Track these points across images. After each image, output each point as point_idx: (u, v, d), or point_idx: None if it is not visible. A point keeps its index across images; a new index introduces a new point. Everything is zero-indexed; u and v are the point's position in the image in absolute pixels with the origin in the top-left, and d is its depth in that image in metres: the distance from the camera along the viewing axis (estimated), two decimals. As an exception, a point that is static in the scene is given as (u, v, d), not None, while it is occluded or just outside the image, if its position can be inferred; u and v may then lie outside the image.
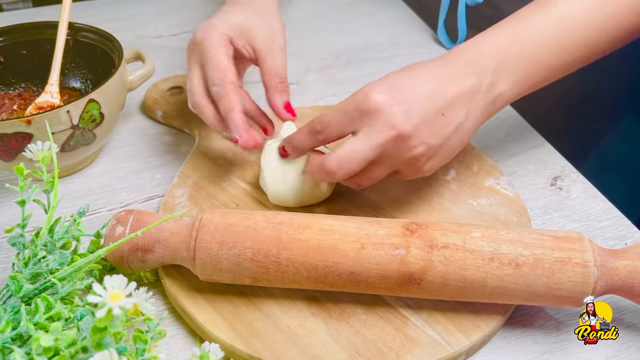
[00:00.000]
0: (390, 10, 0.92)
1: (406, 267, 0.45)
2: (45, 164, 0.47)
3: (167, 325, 0.49)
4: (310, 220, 0.47)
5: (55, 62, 0.63)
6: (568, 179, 0.62)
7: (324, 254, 0.45)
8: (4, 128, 0.55)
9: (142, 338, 0.41)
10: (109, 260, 0.49)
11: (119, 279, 0.34)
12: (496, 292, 0.45)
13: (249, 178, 0.60)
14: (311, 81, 0.77)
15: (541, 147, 0.66)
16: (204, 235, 0.46)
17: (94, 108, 0.58)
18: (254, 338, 0.46)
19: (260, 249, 0.46)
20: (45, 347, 0.37)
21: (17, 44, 0.67)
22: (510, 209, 0.56)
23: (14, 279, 0.43)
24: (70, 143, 0.59)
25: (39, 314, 0.40)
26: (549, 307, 0.49)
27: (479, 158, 0.62)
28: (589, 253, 0.44)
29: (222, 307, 0.48)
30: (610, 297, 0.48)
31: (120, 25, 0.87)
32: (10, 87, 0.68)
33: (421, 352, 0.45)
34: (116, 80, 0.60)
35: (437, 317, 0.47)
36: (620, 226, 0.57)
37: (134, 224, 0.48)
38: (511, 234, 0.46)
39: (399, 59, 0.80)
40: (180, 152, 0.66)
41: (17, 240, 0.46)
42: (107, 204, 0.60)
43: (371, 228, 0.46)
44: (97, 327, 0.35)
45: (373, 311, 0.48)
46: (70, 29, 0.66)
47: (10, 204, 0.60)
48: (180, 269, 0.50)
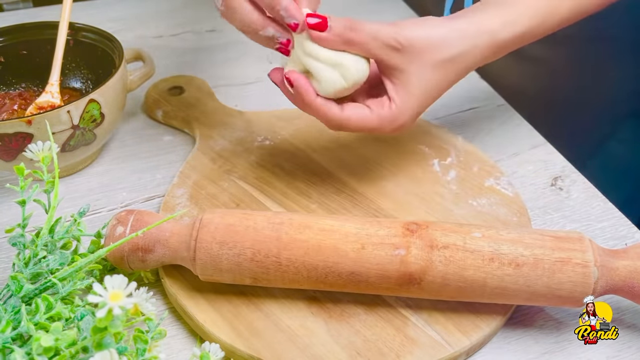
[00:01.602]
0: (390, 10, 0.92)
1: (406, 267, 0.45)
2: (45, 164, 0.47)
3: (168, 325, 0.49)
4: (311, 221, 0.47)
5: (56, 62, 0.63)
6: (568, 179, 0.62)
7: (324, 254, 0.45)
8: (5, 128, 0.55)
9: (143, 338, 0.41)
10: (109, 260, 0.49)
11: (120, 279, 0.34)
12: (496, 292, 0.45)
13: (250, 178, 0.60)
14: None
15: (541, 147, 0.66)
16: (204, 235, 0.46)
17: (95, 108, 0.58)
18: (254, 338, 0.46)
19: (260, 249, 0.46)
20: (45, 347, 0.37)
21: (18, 44, 0.67)
22: (511, 209, 0.56)
23: (15, 279, 0.43)
24: (70, 143, 0.59)
25: (39, 314, 0.40)
26: (549, 308, 0.49)
27: (479, 158, 0.62)
28: (589, 253, 0.44)
29: (222, 307, 0.48)
30: (610, 298, 0.48)
31: (120, 25, 0.87)
32: (10, 87, 0.68)
33: (421, 352, 0.45)
34: (116, 80, 0.60)
35: (437, 317, 0.47)
36: (620, 226, 0.57)
37: (135, 224, 0.48)
38: (511, 234, 0.46)
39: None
40: (181, 152, 0.66)
41: (17, 240, 0.46)
42: (107, 204, 0.60)
43: (371, 228, 0.46)
44: (98, 327, 0.35)
45: (373, 311, 0.48)
46: (71, 29, 0.66)
47: (11, 204, 0.60)
48: (181, 269, 0.50)
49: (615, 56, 0.78)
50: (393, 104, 0.51)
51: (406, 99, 0.51)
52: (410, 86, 0.50)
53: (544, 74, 0.80)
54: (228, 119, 0.67)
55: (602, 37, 0.76)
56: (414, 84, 0.50)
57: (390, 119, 0.51)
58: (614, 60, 0.78)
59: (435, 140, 0.64)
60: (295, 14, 0.48)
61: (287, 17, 0.48)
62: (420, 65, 0.50)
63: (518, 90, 0.77)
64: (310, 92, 0.50)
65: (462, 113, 0.71)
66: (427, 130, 0.65)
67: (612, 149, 0.81)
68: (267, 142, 0.64)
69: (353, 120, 0.51)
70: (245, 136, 0.65)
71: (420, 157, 0.62)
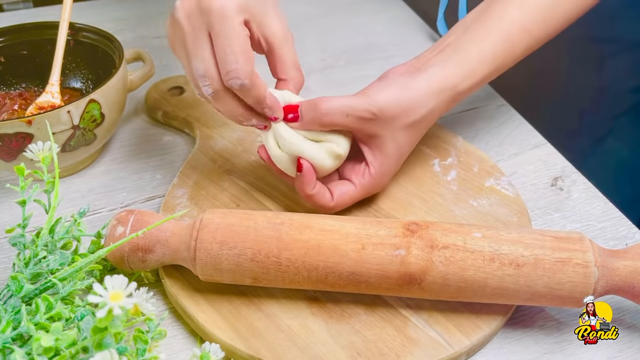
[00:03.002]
0: (390, 10, 0.92)
1: (407, 267, 0.45)
2: (45, 164, 0.47)
3: (168, 326, 0.49)
4: (311, 221, 0.47)
5: (56, 62, 0.63)
6: (569, 179, 0.62)
7: (324, 255, 0.45)
8: (5, 128, 0.55)
9: (143, 338, 0.41)
10: (109, 261, 0.49)
11: (120, 279, 0.34)
12: (497, 292, 0.45)
13: (250, 178, 0.60)
14: (311, 82, 0.77)
15: (542, 147, 0.66)
16: (205, 235, 0.46)
17: (95, 108, 0.58)
18: (254, 338, 0.46)
19: (260, 249, 0.46)
20: (45, 347, 0.37)
21: (18, 44, 0.67)
22: (511, 210, 0.56)
23: (15, 279, 0.43)
24: (70, 143, 0.59)
25: (39, 314, 0.40)
26: (549, 308, 0.49)
27: (480, 158, 0.62)
28: (589, 253, 0.44)
29: (222, 307, 0.48)
30: (611, 298, 0.48)
31: (120, 26, 0.87)
32: (11, 87, 0.68)
33: (421, 352, 0.45)
34: (117, 80, 0.60)
35: (437, 318, 0.47)
36: (621, 226, 0.57)
37: (135, 224, 0.48)
38: (512, 234, 0.46)
39: (399, 59, 0.80)
40: (181, 152, 0.66)
41: (17, 241, 0.46)
42: (107, 204, 0.60)
43: (372, 228, 0.46)
44: (98, 327, 0.35)
45: (373, 311, 0.48)
46: (71, 29, 0.66)
47: (11, 204, 0.60)
48: (181, 269, 0.50)
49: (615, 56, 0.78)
50: (372, 167, 0.54)
51: (383, 161, 0.54)
52: (386, 148, 0.53)
53: (544, 74, 0.80)
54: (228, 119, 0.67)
55: (602, 37, 0.76)
56: (389, 146, 0.53)
57: (372, 184, 0.54)
58: (614, 60, 0.78)
59: (435, 140, 0.64)
60: (278, 111, 0.51)
61: (271, 113, 0.51)
62: (393, 129, 0.53)
63: (518, 90, 0.77)
64: (313, 182, 0.52)
65: (462, 113, 0.71)
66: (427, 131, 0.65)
67: (613, 150, 0.81)
68: (268, 142, 0.64)
69: (341, 203, 0.54)
70: (245, 136, 0.65)
71: (421, 157, 0.62)
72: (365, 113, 0.51)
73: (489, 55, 0.54)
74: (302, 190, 0.52)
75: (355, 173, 0.55)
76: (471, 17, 0.57)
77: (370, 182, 0.54)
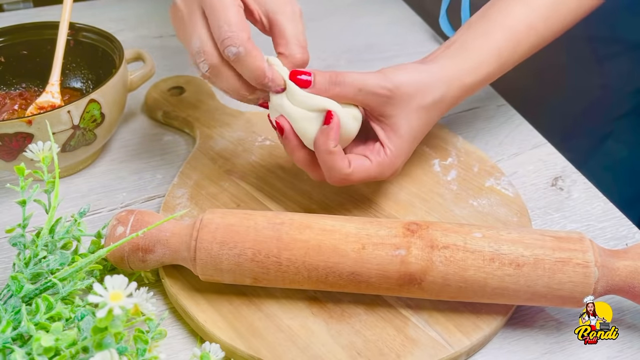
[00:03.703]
0: (391, 10, 0.92)
1: (407, 267, 0.45)
2: (46, 164, 0.47)
3: (168, 326, 0.49)
4: (311, 221, 0.47)
5: (56, 62, 0.63)
6: (569, 179, 0.62)
7: (324, 254, 0.45)
8: (5, 128, 0.55)
9: (143, 338, 0.41)
10: (109, 261, 0.49)
11: (120, 279, 0.34)
12: (497, 292, 0.45)
13: (250, 178, 0.60)
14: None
15: (542, 147, 0.66)
16: (205, 235, 0.46)
17: (95, 108, 0.58)
18: (254, 338, 0.46)
19: (261, 249, 0.46)
20: (46, 347, 0.37)
21: (18, 44, 0.67)
22: (511, 210, 0.56)
23: (15, 279, 0.43)
24: (71, 143, 0.59)
25: (39, 314, 0.40)
26: (549, 308, 0.49)
27: (480, 158, 0.62)
28: (589, 253, 0.44)
29: (222, 307, 0.48)
30: (611, 298, 0.48)
31: (121, 26, 0.87)
32: (11, 87, 0.68)
33: (422, 352, 0.45)
34: (117, 80, 0.60)
35: (437, 318, 0.47)
36: (621, 226, 0.57)
37: (135, 224, 0.48)
38: (512, 234, 0.46)
39: (400, 60, 0.80)
40: (181, 152, 0.66)
41: (17, 241, 0.46)
42: (107, 204, 0.60)
43: (372, 228, 0.46)
44: (98, 327, 0.35)
45: (374, 311, 0.48)
46: (71, 29, 0.66)
47: (11, 204, 0.60)
48: (181, 269, 0.50)
49: (616, 57, 0.78)
50: (387, 149, 0.52)
51: (398, 143, 0.52)
52: (400, 129, 0.52)
53: (544, 74, 0.80)
54: (228, 119, 0.67)
55: (603, 38, 0.76)
56: (403, 127, 0.52)
57: (389, 164, 0.52)
58: (615, 61, 0.78)
59: (435, 140, 0.64)
60: (280, 82, 0.49)
61: (274, 86, 0.49)
62: (407, 110, 0.51)
63: (518, 90, 0.77)
64: (338, 136, 0.49)
65: (462, 113, 0.71)
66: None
67: (613, 150, 0.81)
68: (268, 142, 0.64)
69: (356, 173, 0.51)
70: (246, 136, 0.65)
71: (421, 157, 0.62)
72: (380, 89, 0.50)
73: (494, 51, 0.54)
74: (326, 144, 0.49)
75: (369, 151, 0.52)
76: (477, 15, 0.57)
77: (387, 162, 0.52)
